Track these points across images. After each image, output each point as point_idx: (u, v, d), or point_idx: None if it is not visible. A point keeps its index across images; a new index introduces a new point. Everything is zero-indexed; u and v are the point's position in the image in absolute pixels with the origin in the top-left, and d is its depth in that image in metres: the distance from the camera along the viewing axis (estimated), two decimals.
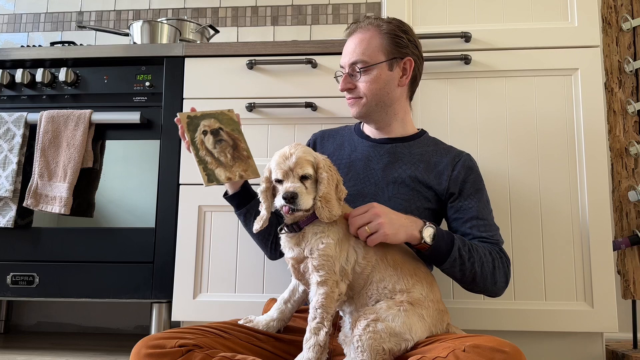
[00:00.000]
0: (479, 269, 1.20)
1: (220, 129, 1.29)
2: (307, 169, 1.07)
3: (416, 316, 1.07)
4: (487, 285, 1.24)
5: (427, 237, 1.15)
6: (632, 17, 1.84)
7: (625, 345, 1.76)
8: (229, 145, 1.29)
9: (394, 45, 1.35)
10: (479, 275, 1.21)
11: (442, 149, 1.39)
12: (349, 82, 1.37)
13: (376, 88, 1.34)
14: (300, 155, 1.08)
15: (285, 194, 1.04)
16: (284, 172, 1.07)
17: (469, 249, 1.20)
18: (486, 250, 1.23)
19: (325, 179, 1.08)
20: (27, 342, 1.96)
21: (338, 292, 1.07)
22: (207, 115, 1.31)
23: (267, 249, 1.43)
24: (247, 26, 2.55)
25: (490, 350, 0.93)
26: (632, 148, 1.77)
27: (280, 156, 1.09)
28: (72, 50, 1.89)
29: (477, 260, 1.20)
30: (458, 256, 1.18)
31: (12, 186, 1.75)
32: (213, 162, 1.27)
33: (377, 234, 1.10)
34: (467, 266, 1.19)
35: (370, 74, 1.34)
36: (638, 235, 1.72)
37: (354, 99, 1.38)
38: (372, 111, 1.37)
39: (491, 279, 1.23)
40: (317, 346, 1.03)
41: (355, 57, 1.34)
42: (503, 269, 1.25)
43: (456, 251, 1.17)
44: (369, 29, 1.36)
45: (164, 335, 1.06)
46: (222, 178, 1.26)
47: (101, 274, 1.73)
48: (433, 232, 1.16)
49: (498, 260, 1.24)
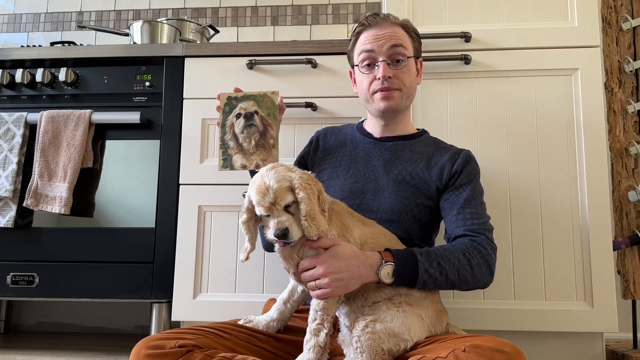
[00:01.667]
0: (455, 277, 1.15)
1: (256, 113, 1.29)
2: (288, 198, 1.03)
3: (415, 316, 1.07)
4: (470, 285, 1.20)
5: (384, 278, 1.09)
6: (632, 17, 1.84)
7: (625, 345, 1.76)
8: (257, 131, 1.28)
9: (418, 45, 1.38)
10: (457, 282, 1.16)
11: (443, 148, 1.39)
12: (389, 70, 1.31)
13: (411, 81, 1.35)
14: (277, 187, 1.03)
15: (277, 232, 1.02)
16: (267, 208, 1.04)
17: (437, 263, 1.13)
18: (460, 254, 1.17)
19: (306, 198, 1.03)
20: (27, 342, 1.96)
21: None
22: (248, 97, 1.30)
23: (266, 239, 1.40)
24: (247, 26, 2.55)
25: (491, 350, 0.93)
26: (632, 148, 1.77)
27: (257, 192, 1.04)
28: (72, 50, 1.89)
29: (450, 270, 1.14)
30: (427, 277, 1.12)
31: (12, 186, 1.75)
32: (235, 147, 1.26)
33: (324, 290, 1.06)
34: (440, 280, 1.13)
35: (410, 65, 1.34)
36: (638, 235, 1.72)
37: (391, 90, 1.32)
38: (402, 105, 1.36)
39: (472, 279, 1.18)
40: (317, 347, 1.03)
41: (399, 42, 1.32)
42: (485, 264, 1.19)
43: (423, 274, 1.11)
44: (395, 24, 1.35)
45: (164, 335, 1.06)
46: (237, 165, 1.26)
47: (101, 274, 1.73)
48: (392, 269, 1.09)
49: (476, 258, 1.18)
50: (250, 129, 1.27)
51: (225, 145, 1.26)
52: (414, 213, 1.29)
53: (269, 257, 1.68)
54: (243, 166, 1.27)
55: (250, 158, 1.26)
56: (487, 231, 1.24)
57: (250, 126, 1.27)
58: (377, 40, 1.32)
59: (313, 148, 1.48)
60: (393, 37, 1.32)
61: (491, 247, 1.22)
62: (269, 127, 1.28)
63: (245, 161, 1.26)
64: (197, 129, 1.75)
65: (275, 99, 1.30)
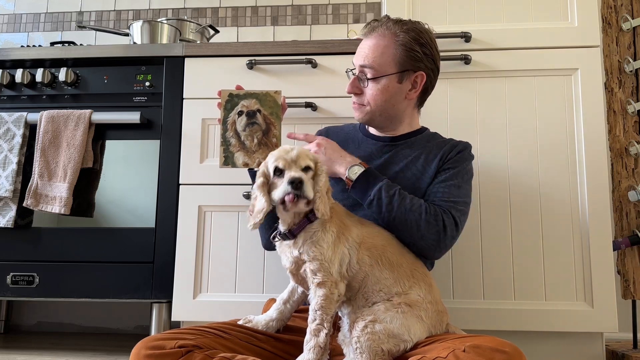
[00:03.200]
0: (401, 216, 1.19)
1: (258, 111, 1.28)
2: (309, 162, 1.09)
3: (414, 317, 1.07)
4: (413, 237, 1.20)
5: (350, 174, 1.24)
6: (632, 17, 1.84)
7: (625, 345, 1.76)
8: (260, 129, 1.27)
9: (408, 58, 1.30)
10: (401, 222, 1.19)
11: (442, 141, 1.39)
12: (356, 85, 1.34)
13: (382, 99, 1.32)
14: (301, 150, 1.10)
15: (292, 179, 1.04)
16: (286, 163, 1.07)
17: (395, 194, 1.21)
18: (418, 205, 1.20)
19: (324, 172, 1.10)
20: (27, 342, 1.96)
21: (337, 293, 1.07)
22: (250, 95, 1.29)
23: (267, 235, 1.38)
24: (247, 26, 2.55)
25: (491, 350, 0.93)
26: (632, 148, 1.77)
27: (280, 150, 1.10)
28: (72, 50, 1.89)
29: (400, 207, 1.19)
30: (377, 198, 1.21)
31: (12, 186, 1.75)
32: (237, 144, 1.26)
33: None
34: (386, 209, 1.20)
35: (378, 84, 1.31)
36: (638, 235, 1.72)
37: (359, 104, 1.36)
38: (375, 119, 1.36)
39: (416, 230, 1.19)
40: (317, 347, 1.03)
41: (366, 62, 1.31)
42: (435, 227, 1.19)
43: (377, 192, 1.21)
44: (386, 35, 1.31)
45: (164, 335, 1.06)
46: (238, 162, 1.25)
47: (101, 274, 1.73)
48: (358, 172, 1.23)
49: (432, 216, 1.19)
50: (253, 127, 1.27)
51: (226, 143, 1.25)
52: None
53: (269, 257, 1.68)
54: (245, 164, 1.26)
55: (252, 156, 1.26)
56: (456, 210, 1.24)
57: (252, 124, 1.27)
58: (358, 54, 1.35)
59: None
60: (367, 54, 1.31)
61: (450, 223, 1.21)
62: (271, 125, 1.28)
63: (248, 159, 1.25)
64: (197, 129, 1.75)
65: (278, 98, 1.30)
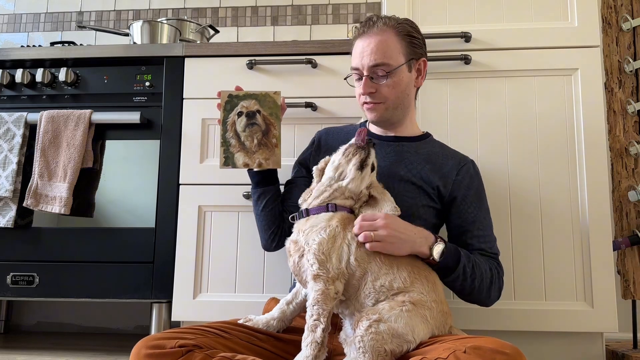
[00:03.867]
0: (477, 285, 1.24)
1: (258, 112, 1.28)
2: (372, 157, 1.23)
3: (419, 317, 1.07)
4: (482, 299, 1.30)
5: (436, 255, 1.17)
6: (632, 17, 1.84)
7: (625, 345, 1.76)
8: (260, 130, 1.27)
9: (411, 47, 1.34)
10: (476, 290, 1.25)
11: (448, 152, 1.41)
12: (371, 85, 1.33)
13: (399, 91, 1.33)
14: None
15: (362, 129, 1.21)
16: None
17: (472, 265, 1.23)
18: (487, 266, 1.27)
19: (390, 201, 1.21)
20: (27, 342, 1.96)
21: (334, 290, 1.07)
22: (250, 96, 1.29)
23: (266, 236, 1.41)
24: (247, 26, 2.55)
25: (491, 351, 0.93)
26: (632, 148, 1.77)
27: None
28: (72, 50, 1.88)
29: (477, 277, 1.23)
30: (462, 273, 1.21)
31: (12, 186, 1.75)
32: (237, 145, 1.26)
33: (378, 243, 1.11)
34: (468, 282, 1.23)
35: (394, 78, 1.31)
36: (638, 235, 1.72)
37: (375, 103, 1.34)
38: (391, 115, 1.37)
39: (486, 293, 1.27)
40: (314, 343, 1.03)
41: (379, 59, 1.30)
42: (498, 284, 1.30)
43: (461, 268, 1.20)
44: (385, 30, 1.32)
45: (164, 335, 1.06)
46: (239, 163, 1.25)
47: (101, 274, 1.73)
48: (442, 248, 1.17)
49: (496, 276, 1.29)
50: (253, 128, 1.27)
51: (226, 143, 1.25)
52: (419, 214, 1.30)
53: (269, 257, 1.68)
54: (245, 164, 1.26)
55: (252, 157, 1.26)
56: (498, 255, 1.34)
57: (252, 125, 1.27)
58: (362, 55, 1.33)
59: (315, 149, 1.48)
60: (376, 51, 1.30)
61: (502, 273, 1.33)
62: (271, 126, 1.28)
63: (248, 159, 1.26)
64: (197, 129, 1.75)
65: (277, 99, 1.30)
